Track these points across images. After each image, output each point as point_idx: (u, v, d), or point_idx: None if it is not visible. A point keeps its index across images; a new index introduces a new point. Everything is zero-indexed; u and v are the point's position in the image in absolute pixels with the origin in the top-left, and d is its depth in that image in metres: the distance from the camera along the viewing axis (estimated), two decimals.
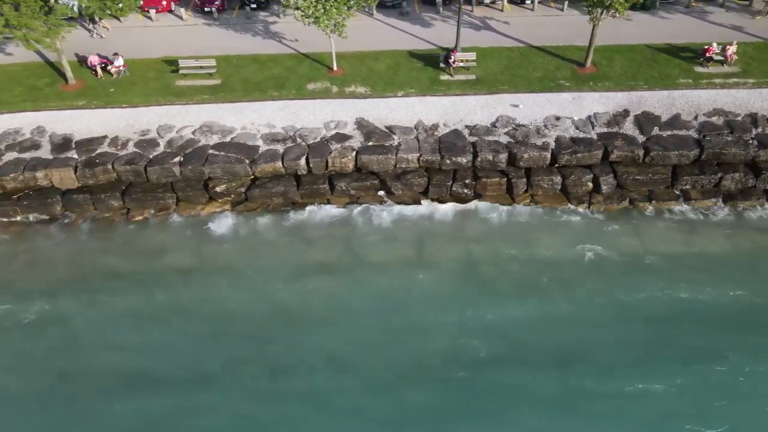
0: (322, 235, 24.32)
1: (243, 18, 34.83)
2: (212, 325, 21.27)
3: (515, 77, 29.50)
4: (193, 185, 24.77)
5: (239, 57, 31.01)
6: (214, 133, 26.12)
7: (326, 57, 30.87)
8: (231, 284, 22.44)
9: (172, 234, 24.19)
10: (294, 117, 27.16)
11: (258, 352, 20.46)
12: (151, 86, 29.09)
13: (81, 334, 21.04)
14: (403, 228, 24.36)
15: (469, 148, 25.36)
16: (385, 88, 28.97)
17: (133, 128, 26.61)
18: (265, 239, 24.06)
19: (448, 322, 21.19)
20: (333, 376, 19.78)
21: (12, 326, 21.21)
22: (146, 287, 22.42)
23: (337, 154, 24.98)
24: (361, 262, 23.34)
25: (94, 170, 24.45)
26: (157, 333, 21.06)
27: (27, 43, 25.74)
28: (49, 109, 27.71)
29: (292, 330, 21.06)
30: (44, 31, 25.32)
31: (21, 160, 24.84)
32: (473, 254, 23.41)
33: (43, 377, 19.84)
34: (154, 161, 24.74)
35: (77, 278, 22.52)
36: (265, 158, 24.95)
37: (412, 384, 19.50)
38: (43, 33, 25.31)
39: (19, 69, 30.05)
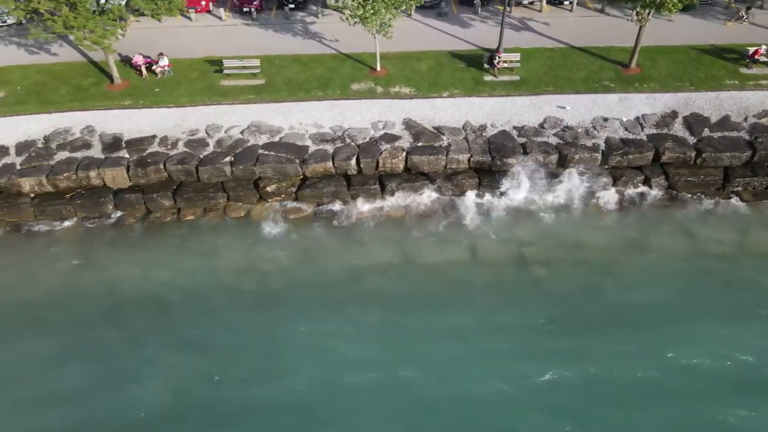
0: (371, 234, 24.35)
1: (281, 18, 34.87)
2: (270, 328, 21.37)
3: (559, 78, 29.41)
4: (243, 185, 24.80)
5: (281, 57, 31.05)
6: (263, 133, 26.16)
7: (368, 57, 30.89)
8: (286, 285, 22.49)
9: (223, 233, 24.23)
10: (341, 117, 27.18)
11: (313, 357, 20.43)
12: (196, 86, 29.17)
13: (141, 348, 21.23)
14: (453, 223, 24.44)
15: (519, 149, 25.28)
16: (430, 89, 28.95)
17: (182, 128, 26.69)
18: (316, 239, 24.05)
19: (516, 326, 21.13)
20: (401, 378, 19.78)
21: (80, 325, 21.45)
22: (202, 287, 22.57)
23: (388, 155, 24.95)
24: (416, 262, 23.36)
25: (146, 170, 24.52)
26: (215, 334, 21.19)
27: (84, 43, 25.85)
28: (96, 108, 27.83)
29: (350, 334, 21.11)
30: (101, 32, 25.40)
31: (73, 160, 24.94)
32: (528, 255, 23.46)
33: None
34: (205, 161, 24.78)
35: (141, 277, 22.72)
36: (316, 158, 24.96)
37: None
38: (100, 34, 25.39)
39: (63, 68, 30.19)
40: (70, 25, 24.69)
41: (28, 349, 20.70)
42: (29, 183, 24.20)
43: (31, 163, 24.69)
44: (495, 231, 24.16)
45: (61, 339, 20.91)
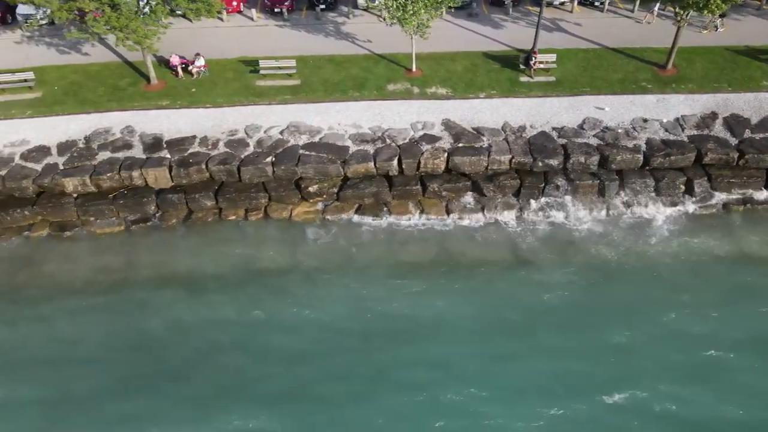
0: (413, 235, 24.35)
1: (312, 19, 34.87)
2: (311, 330, 21.38)
3: (595, 79, 29.34)
4: (285, 185, 24.80)
5: (315, 57, 31.05)
6: (302, 134, 26.17)
7: (402, 58, 30.88)
8: (328, 286, 22.49)
9: (266, 234, 24.25)
10: (379, 117, 27.17)
11: (359, 362, 20.34)
12: (232, 86, 29.19)
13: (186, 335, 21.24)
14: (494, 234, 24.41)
15: (559, 150, 25.24)
16: (466, 90, 28.92)
17: (221, 128, 26.72)
18: (358, 240, 24.05)
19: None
20: (449, 385, 19.69)
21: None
22: (243, 288, 22.60)
23: (429, 155, 24.93)
24: (457, 265, 23.33)
25: (188, 170, 24.55)
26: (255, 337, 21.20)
27: (126, 44, 25.91)
28: (134, 108, 27.87)
29: (397, 339, 21.03)
30: (143, 32, 25.45)
31: (115, 160, 24.98)
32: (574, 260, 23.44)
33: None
34: (247, 161, 24.80)
35: (184, 277, 22.78)
36: (357, 159, 24.95)
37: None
38: (143, 34, 25.44)
39: (99, 68, 30.24)
40: (112, 25, 24.74)
41: (83, 342, 20.86)
42: (72, 183, 24.26)
43: (73, 164, 24.75)
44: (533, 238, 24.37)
45: (109, 337, 21.04)
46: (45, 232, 24.15)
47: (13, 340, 21.07)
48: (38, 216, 24.22)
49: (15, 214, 23.91)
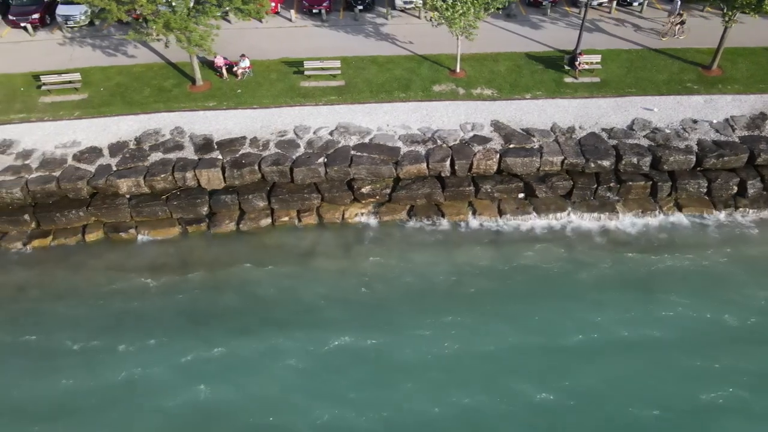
0: (467, 235, 24.36)
1: (350, 19, 34.88)
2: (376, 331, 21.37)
3: (641, 80, 29.28)
4: (337, 186, 24.83)
5: (357, 58, 31.05)
6: (352, 134, 26.18)
7: (444, 58, 30.89)
8: (386, 286, 22.54)
9: (319, 234, 24.30)
10: (428, 118, 27.17)
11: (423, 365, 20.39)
12: (277, 87, 29.23)
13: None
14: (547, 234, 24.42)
15: (611, 151, 25.20)
16: (512, 91, 28.89)
17: (269, 129, 26.75)
18: (413, 241, 24.06)
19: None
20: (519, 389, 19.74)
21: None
22: (302, 287, 22.63)
23: (482, 157, 24.93)
24: (513, 265, 23.31)
25: (241, 171, 24.58)
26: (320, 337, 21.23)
27: (183, 45, 25.97)
28: (181, 109, 27.91)
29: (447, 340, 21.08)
30: (201, 33, 25.50)
31: (168, 161, 25.03)
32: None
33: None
34: (299, 162, 24.82)
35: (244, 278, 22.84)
36: (410, 160, 24.95)
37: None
38: (200, 35, 25.49)
39: (143, 70, 30.30)
40: (171, 26, 24.80)
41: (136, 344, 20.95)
42: (126, 184, 24.31)
43: (126, 165, 24.80)
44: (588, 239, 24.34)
45: (168, 339, 21.13)
46: (100, 233, 24.26)
47: (71, 339, 21.17)
48: (92, 217, 24.31)
49: (70, 215, 23.98)
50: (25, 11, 33.22)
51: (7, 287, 22.49)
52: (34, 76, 29.63)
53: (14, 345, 20.89)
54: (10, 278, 22.76)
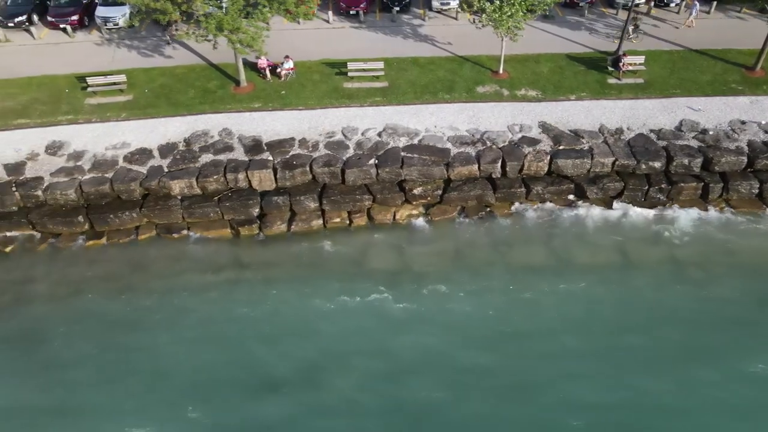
0: (518, 236, 24.37)
1: (387, 21, 34.91)
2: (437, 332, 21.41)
3: (685, 81, 29.27)
4: (389, 187, 24.84)
5: (398, 60, 31.05)
6: (400, 136, 26.19)
7: (485, 60, 30.91)
8: (447, 287, 22.56)
9: (372, 235, 24.31)
10: (475, 120, 27.17)
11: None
12: (321, 88, 29.25)
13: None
14: (601, 231, 24.37)
15: (662, 152, 25.19)
16: (556, 92, 28.89)
17: (317, 130, 26.77)
18: (466, 241, 24.09)
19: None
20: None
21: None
22: (356, 288, 22.64)
23: (533, 158, 24.92)
24: (568, 265, 23.33)
25: (293, 172, 24.58)
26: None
27: (236, 46, 26.03)
28: (227, 111, 27.93)
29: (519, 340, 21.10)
30: (253, 34, 25.54)
31: (218, 162, 25.05)
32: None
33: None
34: (351, 163, 24.83)
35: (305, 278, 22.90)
36: (461, 161, 24.96)
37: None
38: (252, 36, 25.53)
39: (185, 71, 30.34)
40: (223, 27, 24.85)
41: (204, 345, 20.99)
42: (179, 185, 24.34)
43: (178, 166, 24.83)
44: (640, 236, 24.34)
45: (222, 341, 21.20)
46: (152, 234, 24.30)
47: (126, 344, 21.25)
48: (144, 218, 24.36)
49: (123, 217, 24.04)
50: (64, 12, 33.30)
51: (64, 286, 22.54)
52: (78, 77, 29.71)
53: (79, 340, 21.03)
54: (66, 278, 22.81)
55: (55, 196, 23.88)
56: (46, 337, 21.12)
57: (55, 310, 21.84)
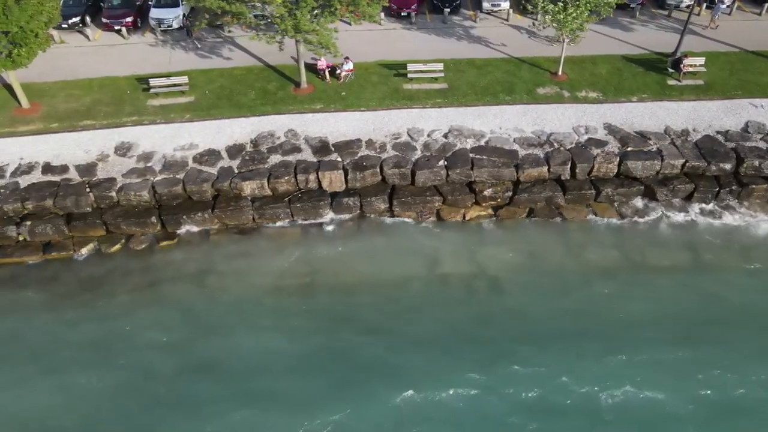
0: (589, 237, 24.37)
1: (438, 22, 34.96)
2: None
3: (745, 82, 29.20)
4: (458, 188, 24.88)
5: (454, 61, 31.06)
6: (466, 137, 26.22)
7: (542, 61, 30.93)
8: (517, 290, 22.58)
9: (442, 236, 24.33)
10: (539, 121, 27.16)
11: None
12: (381, 90, 29.30)
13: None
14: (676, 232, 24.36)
15: (731, 154, 25.16)
16: (617, 93, 28.86)
17: (382, 131, 26.81)
18: (538, 242, 24.10)
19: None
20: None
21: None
22: (430, 290, 22.69)
23: (603, 160, 24.91)
24: (638, 267, 23.31)
25: (363, 173, 24.65)
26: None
27: (312, 48, 26.14)
28: (289, 112, 27.99)
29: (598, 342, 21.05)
30: (327, 35, 25.63)
31: (288, 163, 25.12)
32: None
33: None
34: (421, 165, 24.87)
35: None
36: (530, 163, 24.97)
37: None
38: (326, 36, 25.62)
39: (243, 73, 30.43)
40: (300, 28, 24.94)
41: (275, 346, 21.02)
42: (250, 186, 24.41)
43: (248, 167, 24.90)
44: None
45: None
46: (224, 234, 24.40)
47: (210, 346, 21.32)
48: (215, 219, 24.46)
49: (195, 217, 24.16)
50: (118, 14, 33.49)
51: (144, 287, 22.66)
52: (138, 78, 29.85)
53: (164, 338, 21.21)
54: (144, 278, 22.91)
55: (129, 197, 23.99)
56: (128, 337, 21.24)
57: (137, 310, 21.95)
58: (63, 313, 21.89)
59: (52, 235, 23.68)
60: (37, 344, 21.05)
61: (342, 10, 25.99)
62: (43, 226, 23.51)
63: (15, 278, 23.04)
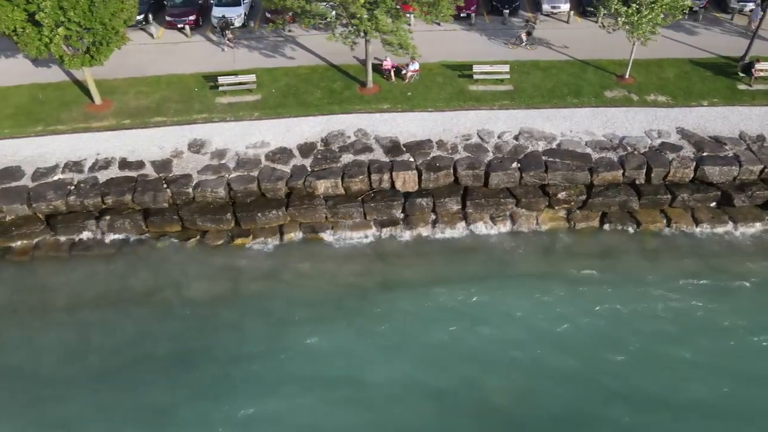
0: (664, 242, 24.12)
1: (497, 23, 34.86)
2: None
3: None
4: (532, 191, 24.76)
5: (517, 63, 30.86)
6: (538, 140, 26.09)
7: (606, 64, 30.68)
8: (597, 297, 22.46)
9: (517, 239, 24.27)
10: (610, 125, 26.93)
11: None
12: (446, 91, 29.27)
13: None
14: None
15: None
16: (686, 98, 28.51)
17: (452, 132, 26.78)
18: (615, 247, 23.93)
19: None
20: None
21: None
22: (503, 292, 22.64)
23: (678, 164, 24.65)
24: (719, 272, 23.00)
25: (437, 174, 24.65)
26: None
27: (392, 49, 26.26)
28: (356, 112, 28.08)
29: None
30: (404, 36, 25.71)
31: (360, 162, 25.18)
32: None
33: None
34: (495, 166, 24.81)
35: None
36: (605, 166, 24.77)
37: None
38: (404, 39, 25.70)
39: (307, 72, 30.56)
40: (379, 29, 25.05)
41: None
42: (324, 185, 24.52)
43: (321, 166, 25.01)
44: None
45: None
46: (297, 233, 24.53)
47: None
48: (289, 217, 24.60)
49: (270, 215, 24.30)
50: (181, 12, 33.87)
51: (226, 283, 22.88)
52: (204, 76, 30.17)
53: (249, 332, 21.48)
54: (223, 274, 23.11)
55: (205, 193, 24.22)
56: (209, 333, 21.48)
57: (222, 306, 22.22)
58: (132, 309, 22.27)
59: (129, 229, 24.02)
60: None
61: (419, 12, 26.03)
62: (121, 220, 23.86)
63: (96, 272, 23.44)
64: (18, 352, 20.98)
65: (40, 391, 19.77)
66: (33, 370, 20.42)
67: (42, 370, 20.43)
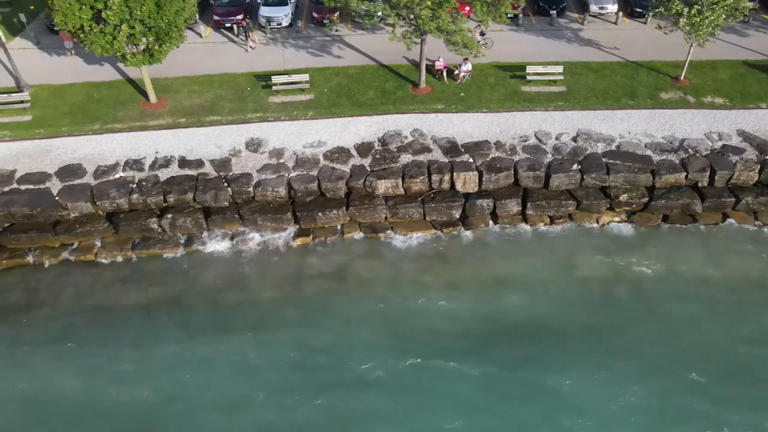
0: (729, 246, 23.88)
1: (544, 24, 34.67)
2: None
3: None
4: (592, 193, 24.59)
5: (568, 64, 30.64)
6: (596, 141, 25.90)
7: (659, 65, 30.46)
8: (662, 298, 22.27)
9: (578, 241, 24.10)
10: (668, 127, 26.71)
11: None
12: (499, 91, 29.13)
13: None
14: None
15: None
16: (744, 100, 28.23)
17: (509, 133, 26.65)
18: (678, 250, 23.72)
19: None
20: None
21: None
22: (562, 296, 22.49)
23: (743, 167, 24.41)
24: None
25: (498, 175, 24.53)
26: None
27: (457, 48, 26.21)
28: (411, 112, 27.94)
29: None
30: (468, 36, 25.64)
31: (420, 163, 25.09)
32: None
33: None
34: (555, 168, 24.65)
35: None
36: (667, 169, 24.56)
37: None
38: (468, 38, 25.63)
39: (358, 71, 30.48)
40: (442, 28, 24.98)
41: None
42: (384, 185, 24.44)
43: (380, 166, 24.94)
44: None
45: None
46: (357, 233, 24.49)
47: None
48: (348, 217, 24.55)
49: (330, 215, 24.27)
50: (229, 12, 33.93)
51: (288, 283, 22.87)
52: (255, 75, 30.22)
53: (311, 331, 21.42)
54: (288, 274, 23.08)
55: (265, 192, 24.22)
56: (281, 329, 21.48)
57: (287, 304, 22.22)
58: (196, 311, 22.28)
59: (191, 228, 24.06)
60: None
61: (479, 11, 25.94)
62: (183, 219, 23.87)
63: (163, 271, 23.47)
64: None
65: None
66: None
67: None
